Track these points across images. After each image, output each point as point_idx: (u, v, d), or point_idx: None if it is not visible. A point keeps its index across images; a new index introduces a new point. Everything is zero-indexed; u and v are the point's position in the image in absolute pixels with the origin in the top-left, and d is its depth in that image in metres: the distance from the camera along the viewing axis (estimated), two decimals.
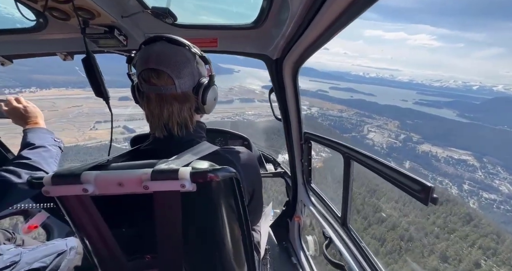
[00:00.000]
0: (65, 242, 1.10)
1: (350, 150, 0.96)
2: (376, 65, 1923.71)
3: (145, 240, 0.61)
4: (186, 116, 0.65)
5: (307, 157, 1.39)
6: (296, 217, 1.71)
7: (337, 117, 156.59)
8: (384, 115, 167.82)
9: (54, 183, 0.48)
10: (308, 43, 0.84)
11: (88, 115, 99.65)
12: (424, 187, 0.62)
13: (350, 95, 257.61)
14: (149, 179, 0.46)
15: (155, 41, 0.63)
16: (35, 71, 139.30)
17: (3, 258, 0.90)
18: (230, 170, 0.49)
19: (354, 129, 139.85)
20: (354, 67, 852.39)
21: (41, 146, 0.89)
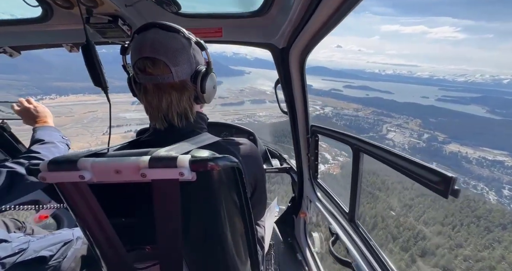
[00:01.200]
0: (72, 231, 1.14)
1: (359, 141, 0.92)
2: (393, 61, 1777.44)
3: (144, 230, 0.60)
4: (186, 106, 0.63)
5: (314, 151, 1.34)
6: (301, 213, 1.67)
7: (353, 116, 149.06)
8: (404, 113, 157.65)
9: (50, 169, 0.48)
10: (316, 28, 0.81)
11: (102, 120, 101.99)
12: (444, 177, 0.55)
13: (366, 94, 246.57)
14: (147, 166, 0.45)
15: (148, 28, 0.60)
16: (56, 79, 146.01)
17: (12, 245, 0.95)
18: (231, 159, 0.47)
19: (372, 129, 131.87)
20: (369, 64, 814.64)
21: (50, 142, 0.94)
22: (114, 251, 0.58)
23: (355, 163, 0.95)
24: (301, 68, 1.08)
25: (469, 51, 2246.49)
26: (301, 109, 1.26)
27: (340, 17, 0.69)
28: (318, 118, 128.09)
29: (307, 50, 0.98)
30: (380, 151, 0.80)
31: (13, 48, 1.16)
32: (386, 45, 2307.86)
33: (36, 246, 0.98)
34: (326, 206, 1.35)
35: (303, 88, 1.17)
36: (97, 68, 0.90)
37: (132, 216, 0.60)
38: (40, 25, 1.06)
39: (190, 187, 0.48)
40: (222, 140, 0.65)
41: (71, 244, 1.08)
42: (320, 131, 1.24)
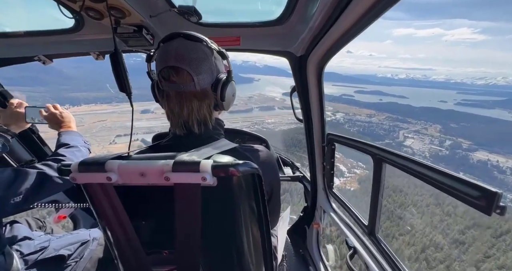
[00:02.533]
0: (89, 232, 1.18)
1: (381, 150, 0.89)
2: (406, 65, 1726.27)
3: (164, 235, 0.62)
4: (206, 114, 0.66)
5: (330, 160, 1.32)
6: (314, 224, 1.63)
7: (366, 122, 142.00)
8: (422, 118, 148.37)
9: (80, 170, 0.51)
10: (337, 36, 0.81)
11: (110, 129, 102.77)
12: (487, 192, 0.51)
13: (379, 99, 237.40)
14: (171, 170, 0.46)
15: (173, 38, 0.63)
16: (71, 90, 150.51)
17: (34, 243, 1.01)
18: (252, 165, 0.48)
19: (387, 135, 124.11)
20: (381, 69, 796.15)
21: (74, 146, 1.01)
22: (134, 253, 0.59)
23: (376, 174, 0.91)
24: (319, 76, 1.09)
25: (490, 53, 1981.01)
26: (317, 117, 1.25)
27: (363, 26, 0.69)
28: (330, 125, 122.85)
29: (325, 58, 0.99)
30: (407, 161, 0.75)
31: (46, 56, 1.25)
32: (399, 49, 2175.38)
33: (56, 244, 1.04)
34: (342, 218, 1.31)
35: (320, 96, 1.17)
36: (123, 75, 0.96)
37: (152, 219, 0.61)
38: (71, 35, 1.14)
39: (210, 192, 0.48)
40: (239, 146, 0.66)
41: (87, 245, 1.13)
42: (337, 140, 1.22)
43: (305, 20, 0.91)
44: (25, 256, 0.94)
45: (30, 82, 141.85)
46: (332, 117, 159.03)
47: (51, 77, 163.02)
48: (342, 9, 0.66)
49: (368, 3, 0.59)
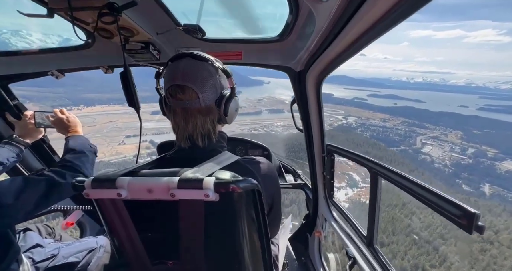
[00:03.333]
0: (96, 240, 1.23)
1: (376, 165, 0.92)
2: (423, 68, 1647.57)
3: (168, 246, 0.66)
4: (210, 128, 0.70)
5: (330, 170, 1.36)
6: (316, 232, 1.64)
7: (380, 127, 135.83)
8: (441, 124, 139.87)
9: (93, 187, 0.56)
10: (333, 56, 0.87)
11: (120, 130, 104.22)
12: (467, 212, 0.56)
13: (394, 103, 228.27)
14: (176, 187, 0.51)
15: (181, 58, 0.68)
16: (86, 91, 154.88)
17: (45, 251, 1.05)
18: (251, 181, 0.52)
19: (403, 141, 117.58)
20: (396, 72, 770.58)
21: (80, 151, 1.06)
22: (141, 264, 0.64)
23: (373, 187, 0.95)
24: (318, 90, 1.13)
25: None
26: (316, 128, 1.29)
27: (358, 49, 0.73)
28: (341, 129, 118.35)
29: (323, 75, 1.03)
30: (399, 177, 0.80)
31: (59, 71, 1.35)
32: (416, 52, 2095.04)
33: (65, 252, 1.08)
34: (342, 227, 1.33)
35: (319, 109, 1.21)
36: (132, 91, 1.03)
37: (158, 231, 0.66)
38: (83, 51, 1.23)
39: (213, 205, 0.52)
40: (241, 158, 0.70)
41: (95, 252, 1.16)
42: (335, 151, 1.26)
43: (303, 38, 0.95)
44: (36, 263, 0.99)
45: (50, 83, 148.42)
46: (343, 121, 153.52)
47: (69, 79, 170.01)
48: (339, 31, 0.69)
49: (362, 29, 0.63)
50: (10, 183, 0.79)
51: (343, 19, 0.64)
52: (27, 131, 1.26)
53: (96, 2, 0.79)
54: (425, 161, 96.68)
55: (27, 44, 1.34)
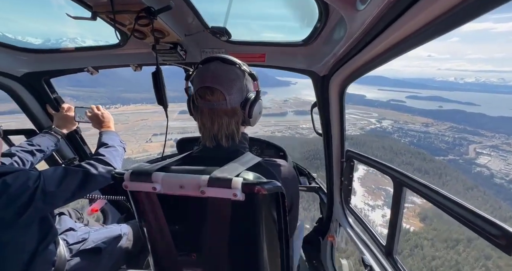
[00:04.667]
0: (120, 227, 1.33)
1: (402, 175, 0.92)
2: (476, 67, 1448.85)
3: (192, 239, 0.72)
4: (234, 129, 0.75)
5: (348, 176, 1.36)
6: (329, 236, 1.64)
7: (422, 133, 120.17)
8: (501, 131, 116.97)
9: (131, 179, 0.62)
10: (361, 63, 0.87)
11: (150, 128, 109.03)
12: (505, 232, 0.53)
13: (438, 105, 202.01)
14: (206, 184, 0.56)
15: (211, 61, 0.74)
16: (124, 91, 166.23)
17: (77, 234, 1.16)
18: (276, 184, 0.56)
19: (452, 150, 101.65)
20: (442, 72, 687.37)
21: (112, 145, 1.17)
22: (168, 254, 0.70)
23: (396, 197, 0.94)
24: (341, 95, 1.13)
25: None
26: (337, 134, 1.29)
27: (390, 57, 0.73)
28: (375, 134, 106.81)
29: (348, 81, 1.03)
30: (428, 190, 0.78)
31: (94, 68, 1.46)
32: (468, 48, 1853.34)
33: (94, 237, 1.17)
34: (358, 234, 1.32)
35: (341, 115, 1.21)
36: (162, 91, 1.11)
37: (184, 225, 0.71)
38: (116, 50, 1.33)
39: (237, 205, 0.57)
40: (263, 160, 0.74)
41: (118, 239, 1.25)
42: (356, 158, 1.25)
43: (330, 43, 0.97)
44: (69, 245, 1.09)
45: (93, 84, 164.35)
46: (376, 125, 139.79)
47: (109, 80, 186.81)
48: (371, 39, 0.70)
49: (399, 37, 0.62)
50: (53, 172, 0.90)
51: (377, 27, 0.64)
52: (64, 123, 1.43)
53: (135, 6, 0.88)
54: (481, 173, 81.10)
55: (67, 42, 1.61)
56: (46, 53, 1.37)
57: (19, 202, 0.77)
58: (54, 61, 1.42)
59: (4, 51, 1.29)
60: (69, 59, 1.43)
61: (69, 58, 1.42)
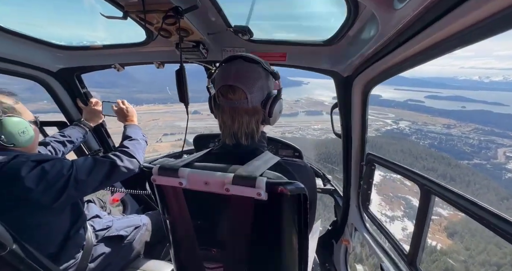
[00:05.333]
0: (140, 218, 1.38)
1: (430, 182, 0.87)
2: (504, 64, 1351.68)
3: (214, 235, 0.73)
4: (254, 128, 0.75)
5: (368, 180, 1.32)
6: (344, 240, 1.60)
7: (443, 134, 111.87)
8: None
9: (159, 174, 0.65)
10: (390, 65, 0.84)
11: (160, 128, 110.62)
12: None
13: (461, 106, 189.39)
14: (231, 182, 0.56)
15: (234, 59, 0.74)
16: (137, 91, 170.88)
17: (102, 221, 1.22)
18: (299, 185, 0.56)
19: (477, 153, 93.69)
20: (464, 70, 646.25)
21: (135, 138, 1.23)
22: (190, 247, 0.72)
23: (423, 205, 0.89)
24: (365, 97, 1.10)
25: None
26: (357, 136, 1.26)
27: (422, 60, 0.70)
28: (391, 136, 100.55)
29: (374, 82, 1.00)
30: (462, 200, 0.72)
31: (120, 65, 1.52)
32: (495, 44, 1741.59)
33: (117, 225, 1.23)
34: (377, 240, 1.28)
35: (363, 117, 1.17)
36: (184, 88, 1.12)
37: (206, 220, 0.72)
38: (141, 47, 1.37)
39: (259, 204, 0.57)
40: (282, 159, 0.74)
41: (139, 229, 1.30)
42: (377, 162, 1.21)
43: (356, 44, 0.94)
44: (96, 231, 1.15)
45: (109, 85, 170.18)
46: (393, 126, 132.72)
47: (124, 81, 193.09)
48: (405, 40, 0.67)
49: (435, 39, 0.59)
50: (83, 162, 0.96)
51: (414, 28, 0.61)
52: (92, 116, 1.52)
53: (164, 6, 0.90)
54: None
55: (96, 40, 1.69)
56: (78, 50, 1.44)
57: (55, 188, 0.83)
58: (85, 58, 1.49)
59: (44, 48, 1.37)
60: (98, 56, 1.49)
61: (98, 55, 1.49)
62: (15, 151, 0.88)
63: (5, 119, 0.85)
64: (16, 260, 0.65)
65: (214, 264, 0.74)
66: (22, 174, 0.78)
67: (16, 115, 0.89)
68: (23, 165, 0.80)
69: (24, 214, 0.81)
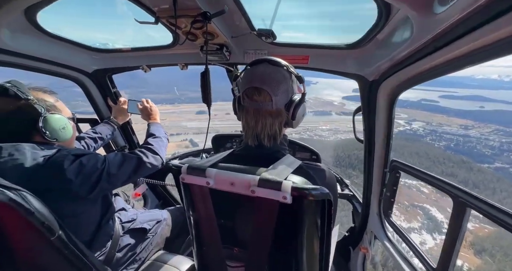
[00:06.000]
0: (161, 213, 1.44)
1: (465, 193, 0.82)
2: None
3: (236, 234, 0.75)
4: (276, 130, 0.77)
5: (392, 188, 1.29)
6: (362, 248, 1.58)
7: (460, 136, 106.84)
8: None
9: (188, 173, 0.68)
10: (422, 70, 0.80)
11: (166, 128, 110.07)
12: None
13: (479, 106, 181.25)
14: (256, 184, 0.58)
15: (260, 63, 0.76)
16: (146, 92, 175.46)
17: (128, 214, 1.28)
18: (324, 191, 0.56)
19: (499, 156, 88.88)
20: (482, 69, 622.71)
21: (158, 136, 1.29)
22: (213, 245, 0.74)
23: (456, 217, 0.85)
24: (391, 102, 1.07)
25: None
26: (381, 142, 1.22)
27: (458, 67, 0.67)
28: (404, 137, 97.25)
29: (403, 87, 0.97)
30: (503, 215, 0.69)
31: (147, 66, 1.60)
32: None
33: (141, 218, 1.29)
34: (399, 250, 1.24)
35: (389, 123, 1.15)
36: (208, 89, 1.18)
37: (230, 220, 0.75)
38: (167, 50, 1.43)
39: (283, 207, 0.58)
40: (304, 163, 0.75)
41: (160, 224, 1.36)
42: (403, 169, 1.17)
43: (385, 47, 0.93)
44: (122, 223, 1.21)
45: (120, 85, 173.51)
46: (405, 127, 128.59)
47: (135, 82, 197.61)
48: (443, 45, 0.64)
49: (477, 45, 0.56)
50: (114, 157, 1.02)
51: (454, 33, 0.58)
52: (120, 114, 1.62)
53: (193, 11, 0.95)
54: None
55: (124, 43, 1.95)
56: (111, 52, 1.54)
57: (91, 180, 0.90)
58: (116, 59, 1.60)
59: (81, 51, 1.47)
60: (128, 58, 1.58)
61: (128, 57, 1.58)
62: (57, 145, 0.95)
63: (49, 116, 0.92)
64: (62, 245, 0.71)
65: (236, 263, 0.76)
66: (65, 166, 0.85)
67: (57, 113, 0.96)
68: (65, 158, 0.87)
69: (64, 203, 0.88)
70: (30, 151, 0.84)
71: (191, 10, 0.95)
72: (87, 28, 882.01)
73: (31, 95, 0.91)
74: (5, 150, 0.82)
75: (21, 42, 1.18)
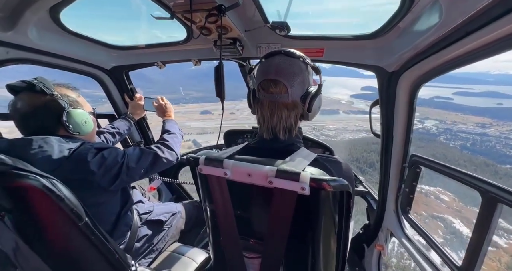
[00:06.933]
0: (176, 206, 1.49)
1: (495, 187, 0.77)
2: None
3: (253, 225, 0.75)
4: (292, 122, 0.75)
5: (411, 183, 1.24)
6: (378, 245, 1.53)
7: (476, 135, 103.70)
8: None
9: (206, 164, 0.68)
10: (449, 58, 0.76)
11: None
12: None
13: (496, 103, 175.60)
14: (274, 175, 0.57)
15: (275, 54, 0.75)
16: (152, 92, 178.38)
17: (144, 206, 1.33)
18: (343, 182, 0.55)
19: None
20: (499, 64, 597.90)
21: (173, 132, 1.34)
22: (231, 236, 0.74)
23: (486, 213, 0.80)
24: (412, 94, 1.03)
25: None
26: (400, 136, 1.18)
27: (491, 53, 0.63)
28: (418, 137, 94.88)
29: (425, 78, 0.92)
30: None
31: (162, 62, 1.63)
32: None
33: (157, 211, 1.34)
34: (419, 249, 1.20)
35: (409, 116, 1.10)
36: (221, 83, 1.19)
37: (247, 211, 0.74)
38: (181, 45, 1.45)
39: (300, 198, 0.57)
40: (319, 156, 0.73)
41: (175, 216, 1.41)
42: (424, 164, 1.12)
43: (407, 36, 0.89)
44: (140, 215, 1.26)
45: None
46: (418, 125, 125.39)
47: (142, 82, 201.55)
48: (472, 30, 0.61)
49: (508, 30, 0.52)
50: (132, 151, 1.06)
51: (490, 14, 0.54)
52: (136, 110, 1.69)
53: (208, 5, 0.94)
54: None
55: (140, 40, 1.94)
56: (127, 49, 1.58)
57: (112, 173, 0.94)
58: (133, 56, 1.63)
59: (100, 48, 1.52)
60: (143, 54, 1.62)
61: (143, 54, 1.61)
62: (80, 139, 1.00)
63: (72, 111, 0.96)
64: (89, 231, 0.74)
65: (252, 254, 0.76)
66: (88, 158, 0.89)
67: (79, 107, 1.00)
68: (89, 151, 0.91)
69: (87, 194, 0.91)
70: (57, 143, 0.89)
71: (206, 3, 0.94)
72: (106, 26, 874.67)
73: (55, 91, 0.95)
74: (36, 142, 0.87)
75: (46, 41, 1.23)
